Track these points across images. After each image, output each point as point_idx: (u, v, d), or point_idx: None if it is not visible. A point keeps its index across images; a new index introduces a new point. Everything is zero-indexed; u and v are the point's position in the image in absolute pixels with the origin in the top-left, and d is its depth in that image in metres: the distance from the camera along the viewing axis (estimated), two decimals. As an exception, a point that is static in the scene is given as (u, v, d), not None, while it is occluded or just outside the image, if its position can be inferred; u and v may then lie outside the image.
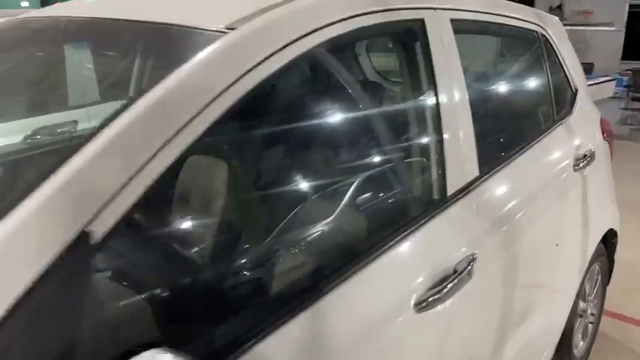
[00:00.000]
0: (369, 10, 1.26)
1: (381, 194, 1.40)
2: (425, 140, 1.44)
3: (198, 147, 0.92)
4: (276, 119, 1.37)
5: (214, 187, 1.19)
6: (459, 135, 1.46)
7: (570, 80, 2.24)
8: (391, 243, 1.24)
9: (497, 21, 1.83)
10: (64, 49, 1.59)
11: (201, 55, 0.98)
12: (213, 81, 0.96)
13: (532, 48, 2.10)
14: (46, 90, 1.70)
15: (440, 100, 1.42)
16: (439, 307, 1.24)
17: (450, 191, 1.43)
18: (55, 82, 1.69)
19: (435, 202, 1.41)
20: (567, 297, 2.10)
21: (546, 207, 1.81)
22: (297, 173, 1.36)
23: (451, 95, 1.46)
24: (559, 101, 2.15)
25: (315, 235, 1.23)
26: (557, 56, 2.18)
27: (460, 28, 1.61)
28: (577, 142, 2.10)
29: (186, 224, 1.19)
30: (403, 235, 1.27)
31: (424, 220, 1.34)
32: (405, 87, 1.46)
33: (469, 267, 1.33)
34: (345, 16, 1.19)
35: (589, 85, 5.89)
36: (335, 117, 1.39)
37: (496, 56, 2.22)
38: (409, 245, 1.28)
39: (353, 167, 1.40)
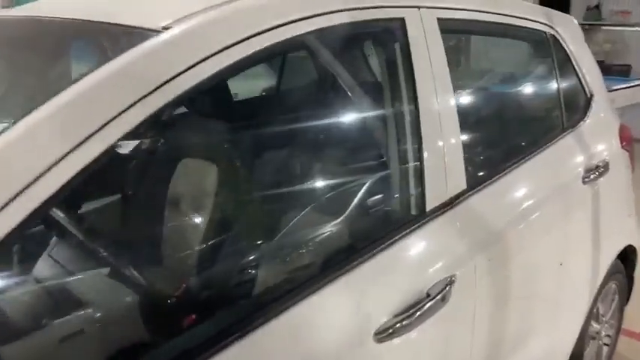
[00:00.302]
0: (334, 9, 1.15)
1: (347, 209, 1.29)
2: (400, 150, 1.32)
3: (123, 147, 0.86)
4: (215, 127, 1.28)
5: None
6: (441, 145, 1.34)
7: (584, 84, 2.08)
8: (354, 263, 1.13)
9: (496, 20, 1.69)
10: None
11: (130, 52, 0.90)
12: (141, 79, 0.88)
13: (539, 50, 1.95)
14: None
15: (420, 108, 1.30)
16: (405, 337, 1.13)
17: (429, 206, 1.31)
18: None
19: (411, 217, 1.29)
20: (575, 319, 1.94)
21: (547, 223, 1.66)
22: (237, 186, 1.27)
23: (433, 102, 1.34)
24: (570, 107, 1.99)
25: (265, 252, 1.14)
26: (569, 59, 2.02)
27: (449, 28, 1.50)
28: (589, 151, 1.93)
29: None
30: (369, 254, 1.16)
31: (396, 238, 1.22)
32: (379, 93, 1.35)
33: (445, 290, 1.21)
34: (303, 16, 1.08)
35: (624, 88, 5.61)
36: (292, 126, 1.30)
37: (493, 59, 2.07)
38: (374, 265, 1.16)
39: (312, 179, 1.30)
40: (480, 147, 1.59)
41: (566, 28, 2.03)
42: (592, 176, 1.86)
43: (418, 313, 1.14)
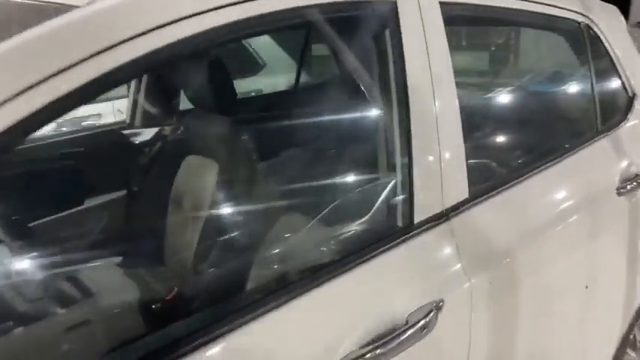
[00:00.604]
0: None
1: (316, 218, 1.14)
2: (386, 154, 1.15)
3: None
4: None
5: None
6: (436, 149, 1.17)
7: (626, 83, 1.83)
8: (318, 281, 0.98)
9: (516, 7, 1.49)
10: None
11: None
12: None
13: (571, 42, 1.72)
14: None
15: (410, 107, 1.13)
16: (374, 371, 0.97)
17: (419, 217, 1.13)
18: None
19: (395, 230, 1.13)
20: (605, 347, 1.71)
21: (571, 240, 1.45)
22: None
23: (429, 100, 1.17)
24: (607, 108, 1.75)
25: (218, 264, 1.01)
26: (607, 53, 1.78)
27: (457, 15, 1.31)
28: (627, 158, 1.69)
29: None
30: (337, 271, 1.00)
31: (373, 254, 1.06)
32: (362, 89, 1.18)
33: (428, 317, 1.04)
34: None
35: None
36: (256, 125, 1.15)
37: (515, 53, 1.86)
38: (342, 285, 1.01)
39: (276, 185, 1.15)
40: (492, 151, 1.40)
41: (605, 18, 1.79)
42: (629, 187, 1.63)
43: (392, 344, 0.98)
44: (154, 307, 1.54)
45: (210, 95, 1.83)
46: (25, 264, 1.56)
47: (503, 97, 1.73)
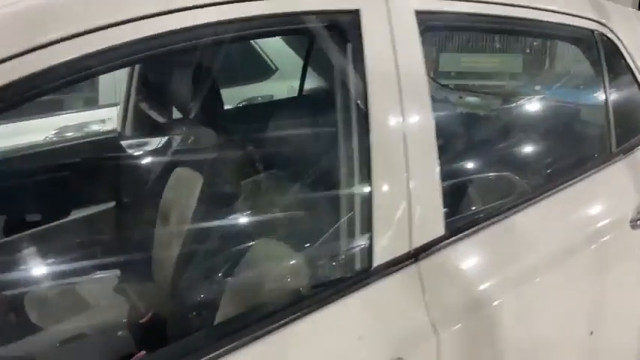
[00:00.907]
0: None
1: (256, 264, 1.00)
2: (340, 182, 1.00)
3: None
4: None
5: None
6: (404, 177, 1.01)
7: (647, 98, 1.62)
8: (245, 339, 0.84)
9: (517, 15, 1.31)
10: None
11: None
12: None
13: (583, 52, 1.53)
14: None
15: (372, 129, 0.98)
16: None
17: (378, 259, 0.98)
18: None
19: (349, 275, 0.97)
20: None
21: (572, 281, 1.26)
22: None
23: (395, 121, 1.01)
24: (624, 127, 1.54)
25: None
26: (627, 64, 1.57)
27: (438, 24, 1.16)
28: (646, 185, 1.49)
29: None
30: (282, 323, 0.86)
31: (321, 304, 0.91)
32: (315, 110, 1.04)
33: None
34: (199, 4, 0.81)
35: None
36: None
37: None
38: (288, 341, 0.87)
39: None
40: (478, 178, 1.23)
41: (625, 25, 1.58)
42: (647, 219, 1.43)
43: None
44: (127, 330, 1.48)
45: (194, 105, 1.77)
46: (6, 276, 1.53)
47: (498, 113, 1.55)
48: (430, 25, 1.12)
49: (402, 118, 1.02)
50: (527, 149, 1.48)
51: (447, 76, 4.16)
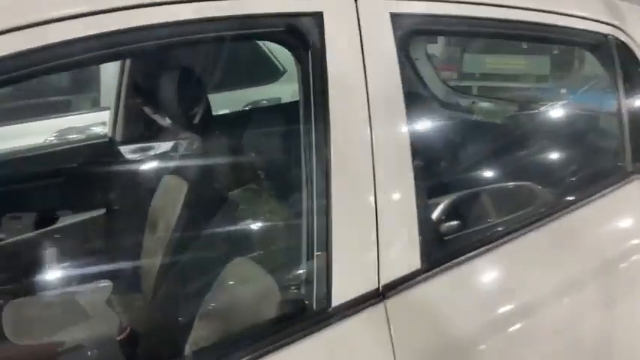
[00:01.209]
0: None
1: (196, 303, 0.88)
2: (295, 208, 0.88)
3: None
4: None
5: None
6: (369, 195, 0.88)
7: (670, 109, 1.45)
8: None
9: (515, 18, 1.17)
10: None
11: None
12: None
13: (595, 58, 1.37)
14: None
15: (332, 138, 0.86)
16: None
17: (338, 298, 0.85)
18: None
19: (304, 316, 0.85)
20: None
21: (574, 320, 1.11)
22: None
23: (361, 129, 0.88)
24: (640, 142, 1.38)
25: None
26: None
27: (421, 28, 1.02)
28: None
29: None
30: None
31: (270, 349, 0.79)
32: (269, 126, 0.91)
33: None
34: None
35: None
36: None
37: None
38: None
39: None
40: (465, 198, 1.09)
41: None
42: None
43: None
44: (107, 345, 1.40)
45: (181, 111, 1.70)
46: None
47: (508, 121, 1.40)
48: (410, 29, 0.99)
49: (370, 132, 0.89)
50: (530, 167, 1.33)
51: (471, 77, 4.00)
